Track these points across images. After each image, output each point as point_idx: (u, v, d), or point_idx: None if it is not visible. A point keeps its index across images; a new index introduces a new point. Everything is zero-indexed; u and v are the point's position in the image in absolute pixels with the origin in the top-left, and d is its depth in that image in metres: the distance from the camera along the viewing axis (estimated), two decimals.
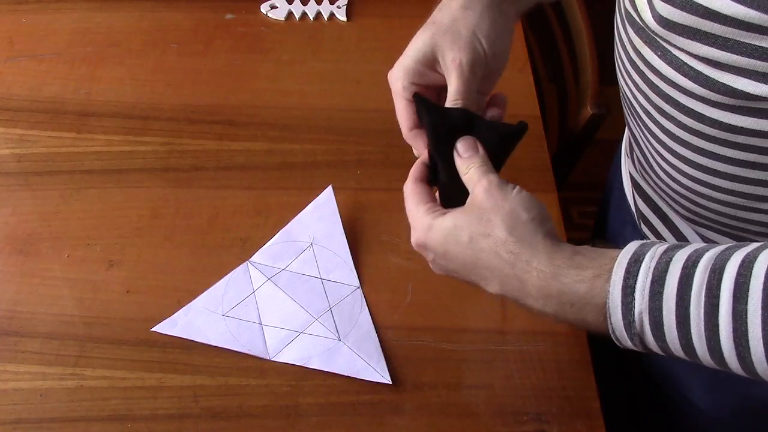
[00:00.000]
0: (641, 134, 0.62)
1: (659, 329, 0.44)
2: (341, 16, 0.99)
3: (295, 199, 0.81)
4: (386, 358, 0.70)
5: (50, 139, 0.86)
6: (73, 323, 0.72)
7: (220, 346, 0.70)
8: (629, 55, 0.56)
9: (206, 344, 0.71)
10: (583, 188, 1.45)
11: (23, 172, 0.83)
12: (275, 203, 0.81)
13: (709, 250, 0.44)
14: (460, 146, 0.55)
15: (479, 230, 0.50)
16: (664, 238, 0.70)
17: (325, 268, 0.76)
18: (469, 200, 0.53)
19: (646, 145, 0.62)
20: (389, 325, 0.72)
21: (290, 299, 0.73)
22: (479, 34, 0.57)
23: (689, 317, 0.43)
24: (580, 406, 0.68)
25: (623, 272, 0.45)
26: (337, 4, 1.00)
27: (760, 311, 0.40)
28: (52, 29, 0.97)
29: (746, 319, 0.40)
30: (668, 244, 0.46)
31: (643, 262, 0.45)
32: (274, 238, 0.77)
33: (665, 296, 0.43)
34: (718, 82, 0.48)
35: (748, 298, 0.41)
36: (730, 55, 0.46)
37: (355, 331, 0.71)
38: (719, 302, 0.41)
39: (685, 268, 0.43)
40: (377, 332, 0.72)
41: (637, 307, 0.44)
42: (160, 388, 0.69)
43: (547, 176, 0.84)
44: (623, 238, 0.81)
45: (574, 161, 1.04)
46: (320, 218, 0.79)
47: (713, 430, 0.78)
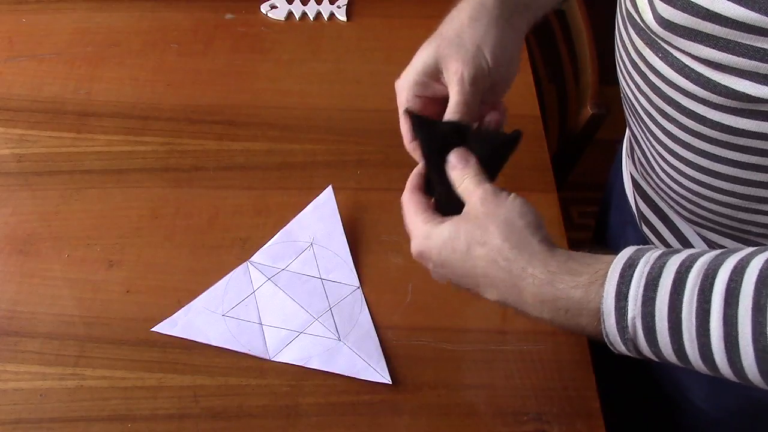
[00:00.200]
0: (642, 135, 0.62)
1: (652, 334, 0.44)
2: (341, 16, 0.99)
3: (295, 199, 0.81)
4: (386, 358, 0.70)
5: (50, 139, 0.86)
6: (73, 323, 0.72)
7: (220, 346, 0.70)
8: (630, 56, 0.56)
9: (206, 344, 0.71)
10: (583, 188, 1.45)
11: (23, 172, 0.83)
12: (275, 203, 0.81)
13: (703, 255, 0.44)
14: (452, 159, 0.55)
15: (476, 238, 0.50)
16: (664, 238, 0.70)
17: (325, 268, 0.76)
18: (465, 209, 0.53)
19: (647, 146, 0.62)
20: (389, 325, 0.72)
21: (290, 299, 0.73)
22: (484, 47, 0.56)
23: (681, 322, 0.43)
24: (580, 406, 0.68)
25: (617, 278, 0.45)
26: (337, 4, 1.00)
27: (750, 314, 0.40)
28: (52, 29, 0.97)
29: (737, 323, 0.40)
30: (664, 249, 0.46)
31: (637, 267, 0.45)
32: (274, 238, 0.77)
33: (658, 302, 0.43)
34: (719, 84, 0.48)
35: (738, 302, 0.40)
36: (730, 56, 0.46)
37: (355, 331, 0.71)
38: (711, 307, 0.41)
39: (678, 273, 0.43)
40: (377, 332, 0.72)
41: (630, 312, 0.44)
42: (160, 388, 0.69)
43: (547, 176, 0.84)
44: (624, 238, 0.81)
45: (574, 161, 1.04)
46: (320, 218, 0.79)
47: (713, 430, 0.78)
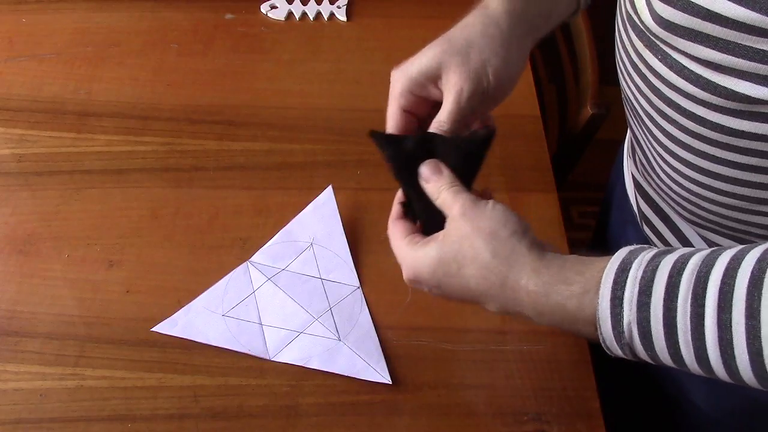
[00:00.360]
0: (643, 136, 0.62)
1: (648, 339, 0.44)
2: (341, 16, 0.99)
3: (295, 199, 0.81)
4: (386, 358, 0.70)
5: (50, 139, 0.86)
6: (73, 323, 0.72)
7: (220, 346, 0.70)
8: (630, 57, 0.56)
9: (206, 344, 0.71)
10: (583, 188, 1.45)
11: (23, 172, 0.83)
12: (275, 203, 0.81)
13: (694, 255, 0.44)
14: (424, 172, 0.54)
15: (465, 257, 0.50)
16: (665, 239, 0.70)
17: (325, 268, 0.76)
18: (447, 225, 0.52)
19: (647, 147, 0.62)
20: (389, 325, 0.72)
21: (290, 299, 0.73)
22: (489, 67, 0.56)
23: (676, 326, 0.43)
24: (580, 406, 0.68)
25: (611, 283, 0.45)
26: (337, 4, 1.00)
27: (743, 320, 0.40)
28: (52, 29, 0.97)
29: (731, 327, 0.41)
30: (656, 249, 0.46)
31: (630, 271, 0.45)
32: (274, 238, 0.77)
33: (652, 306, 0.43)
34: (719, 85, 0.48)
35: (732, 307, 0.41)
36: (731, 57, 0.46)
37: (355, 331, 0.71)
38: (705, 311, 0.42)
39: (670, 276, 0.43)
40: (377, 332, 0.72)
41: (625, 317, 0.44)
42: (160, 388, 0.69)
43: (547, 176, 0.84)
44: (625, 238, 0.81)
45: (574, 161, 1.04)
46: (320, 218, 0.79)
47: (713, 430, 0.78)
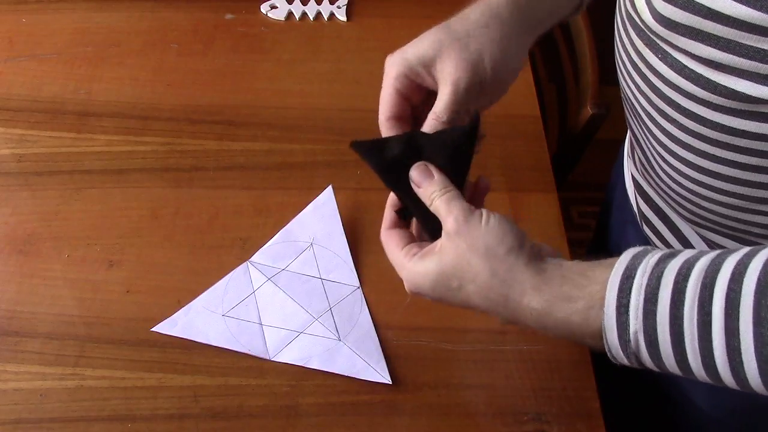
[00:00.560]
0: (643, 136, 0.62)
1: (654, 347, 0.44)
2: (341, 16, 0.99)
3: (295, 199, 0.81)
4: (386, 358, 0.70)
5: (50, 139, 0.86)
6: (73, 323, 0.72)
7: (220, 346, 0.70)
8: (630, 56, 0.56)
9: (206, 344, 0.71)
10: (583, 188, 1.45)
11: (23, 172, 0.83)
12: (275, 203, 0.81)
13: (699, 259, 0.44)
14: (413, 177, 0.53)
15: (464, 276, 0.50)
16: (665, 239, 0.70)
17: (325, 268, 0.76)
18: (443, 238, 0.51)
19: (647, 146, 0.62)
20: (389, 325, 0.72)
21: (290, 299, 0.73)
22: (487, 58, 0.55)
23: (683, 334, 0.42)
24: (580, 406, 0.68)
25: (616, 291, 0.45)
26: (337, 4, 1.00)
27: (751, 327, 0.40)
28: (52, 29, 0.97)
29: (739, 334, 0.40)
30: (660, 253, 0.46)
31: (635, 278, 0.44)
32: (274, 238, 0.77)
33: (659, 314, 0.43)
34: (719, 84, 0.48)
35: (739, 314, 0.40)
36: (731, 56, 0.46)
37: (355, 331, 0.71)
38: (712, 319, 0.41)
39: (676, 283, 0.43)
40: (377, 332, 0.72)
41: (632, 326, 0.44)
42: (160, 388, 0.69)
43: (547, 176, 0.84)
44: (625, 238, 0.81)
45: (574, 161, 1.04)
46: (320, 218, 0.79)
47: (713, 429, 0.78)
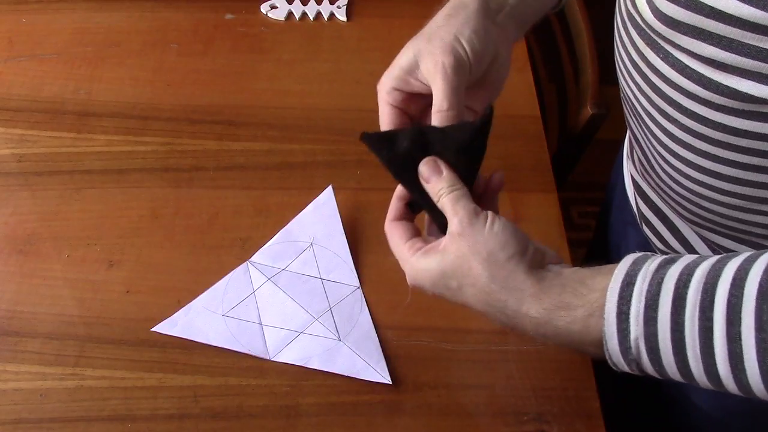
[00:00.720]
0: (643, 136, 0.62)
1: (656, 353, 0.44)
2: (341, 16, 0.99)
3: (295, 199, 0.81)
4: (386, 358, 0.70)
5: (50, 139, 0.86)
6: (73, 323, 0.72)
7: (220, 346, 0.70)
8: (631, 56, 0.56)
9: (206, 344, 0.71)
10: (583, 188, 1.45)
11: (23, 172, 0.83)
12: (275, 203, 0.81)
13: (700, 264, 0.44)
14: (422, 172, 0.53)
15: (464, 277, 0.50)
16: (665, 239, 0.70)
17: (325, 268, 0.76)
18: (447, 235, 0.51)
19: (647, 146, 0.62)
20: (389, 325, 0.72)
21: (290, 299, 0.73)
22: (461, 38, 0.55)
23: (684, 340, 0.42)
24: (580, 406, 0.68)
25: (617, 298, 0.44)
26: (337, 4, 1.00)
27: (753, 333, 0.40)
28: (52, 29, 0.97)
29: (740, 340, 0.40)
30: (660, 258, 0.46)
31: (635, 285, 0.44)
32: (274, 238, 0.77)
33: (659, 321, 0.43)
34: (721, 84, 0.48)
35: (741, 320, 0.40)
36: (734, 56, 0.46)
37: (355, 331, 0.71)
38: (713, 325, 0.41)
39: (677, 289, 0.43)
40: (377, 332, 0.72)
41: (632, 333, 0.44)
42: (160, 388, 0.69)
43: (547, 176, 0.84)
44: (625, 239, 0.81)
45: (574, 161, 1.04)
46: (320, 218, 0.79)
47: (713, 430, 0.78)
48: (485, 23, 0.56)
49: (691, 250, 0.68)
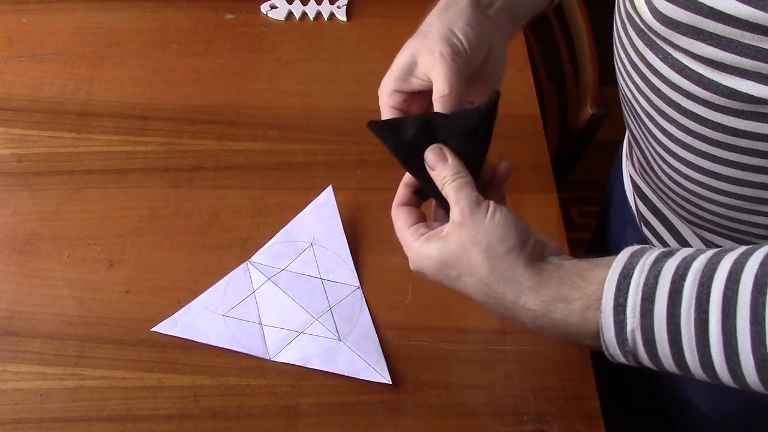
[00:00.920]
0: (642, 136, 0.62)
1: (652, 345, 0.44)
2: (341, 16, 0.99)
3: (295, 199, 0.81)
4: (386, 358, 0.70)
5: (50, 139, 0.86)
6: (73, 323, 0.72)
7: (220, 346, 0.70)
8: (630, 57, 0.56)
9: (206, 344, 0.71)
10: (583, 188, 1.45)
11: (23, 172, 0.83)
12: (275, 203, 0.81)
13: (697, 258, 0.44)
14: (428, 159, 0.53)
15: (463, 268, 0.50)
16: (664, 239, 0.70)
17: (325, 268, 0.76)
18: (449, 223, 0.51)
19: (646, 147, 0.62)
20: (389, 325, 0.72)
21: (290, 299, 0.73)
22: (455, 29, 0.55)
23: (680, 333, 0.43)
24: (580, 406, 0.68)
25: (614, 290, 0.45)
26: (337, 4, 1.00)
27: (748, 326, 0.40)
28: (52, 29, 0.97)
29: (736, 333, 0.41)
30: (657, 251, 0.46)
31: (632, 277, 0.44)
32: (274, 238, 0.77)
33: (656, 313, 0.43)
34: (720, 84, 0.48)
35: (736, 312, 0.41)
36: (733, 56, 0.46)
37: (355, 331, 0.72)
38: (709, 317, 0.41)
39: (673, 282, 0.43)
40: (377, 332, 0.72)
41: (629, 325, 0.44)
42: (160, 388, 0.69)
43: (547, 176, 0.84)
44: (624, 239, 0.81)
45: (574, 161, 1.04)
46: (320, 218, 0.79)
47: (713, 430, 0.78)
48: (477, 16, 0.57)
49: None
